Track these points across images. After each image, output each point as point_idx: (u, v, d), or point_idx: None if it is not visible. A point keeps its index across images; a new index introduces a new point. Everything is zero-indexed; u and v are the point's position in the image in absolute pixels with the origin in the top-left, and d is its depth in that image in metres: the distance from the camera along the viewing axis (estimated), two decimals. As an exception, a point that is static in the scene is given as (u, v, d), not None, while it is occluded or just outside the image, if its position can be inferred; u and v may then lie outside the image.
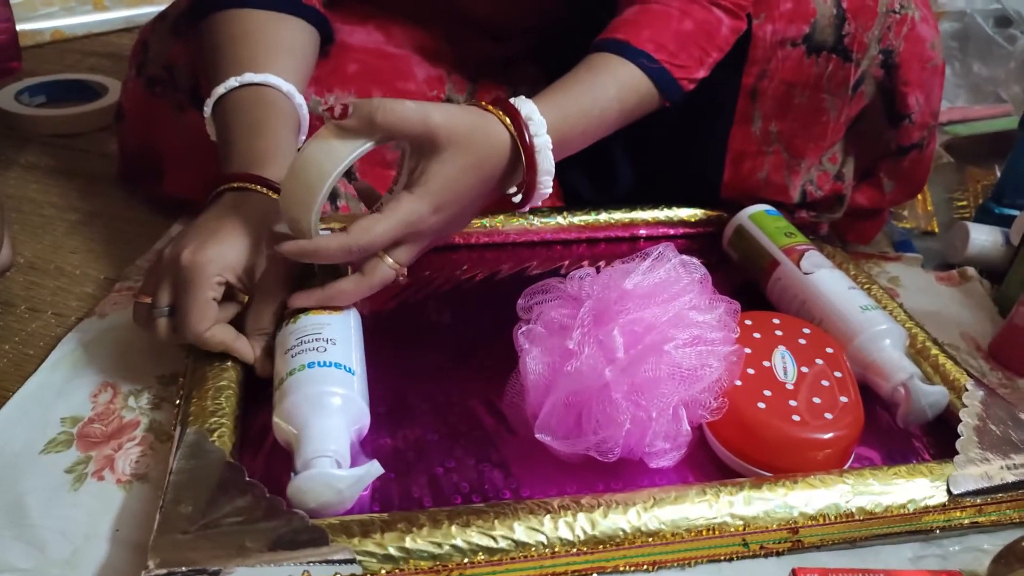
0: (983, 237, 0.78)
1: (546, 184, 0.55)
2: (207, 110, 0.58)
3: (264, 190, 0.54)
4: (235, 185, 0.54)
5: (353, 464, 0.45)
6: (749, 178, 0.73)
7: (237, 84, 0.57)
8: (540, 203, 0.57)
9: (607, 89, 0.59)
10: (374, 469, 0.44)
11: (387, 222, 0.50)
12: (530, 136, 0.53)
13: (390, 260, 0.52)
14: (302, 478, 0.43)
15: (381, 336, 0.57)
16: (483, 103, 0.54)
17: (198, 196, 0.56)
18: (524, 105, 0.54)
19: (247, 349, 0.52)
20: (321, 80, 0.67)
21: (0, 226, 0.53)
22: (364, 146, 0.49)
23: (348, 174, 0.64)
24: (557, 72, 0.62)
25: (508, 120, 0.53)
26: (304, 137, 0.61)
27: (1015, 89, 1.10)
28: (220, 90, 0.57)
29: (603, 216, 0.75)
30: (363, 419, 0.49)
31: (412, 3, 0.74)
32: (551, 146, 0.54)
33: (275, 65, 0.58)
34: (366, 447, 0.50)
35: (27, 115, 0.92)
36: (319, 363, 0.48)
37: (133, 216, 0.76)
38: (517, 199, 0.58)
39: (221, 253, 0.50)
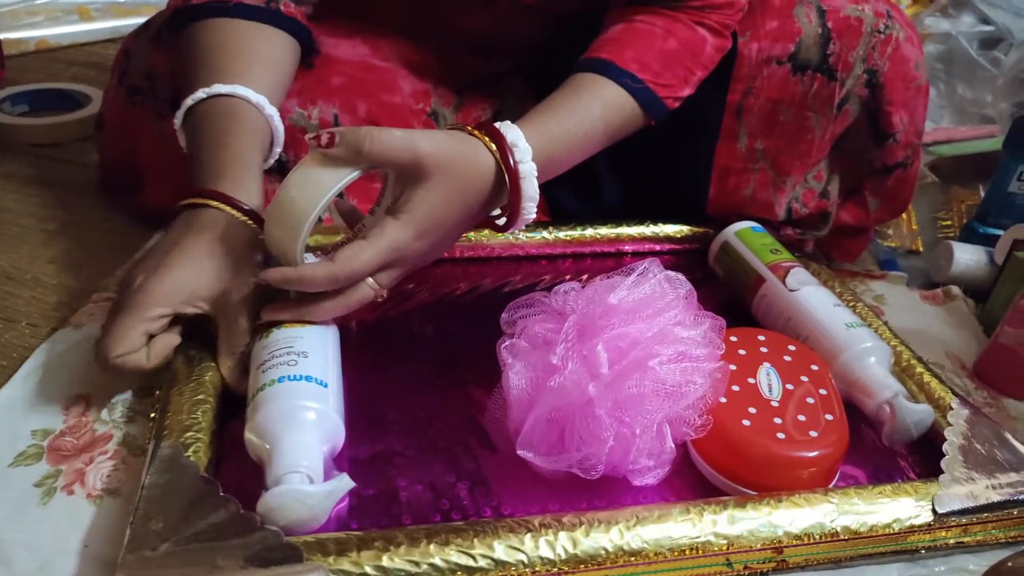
0: (967, 256, 0.78)
1: (530, 210, 0.55)
2: (177, 121, 0.58)
3: (222, 206, 0.53)
4: (195, 201, 0.53)
5: (327, 480, 0.44)
6: (735, 194, 0.73)
7: (205, 95, 0.56)
8: (523, 227, 0.57)
9: (592, 110, 0.59)
10: (344, 483, 0.43)
11: (372, 249, 0.50)
12: (515, 162, 0.53)
13: (371, 280, 0.52)
14: (272, 494, 0.42)
15: (361, 349, 0.56)
16: (469, 128, 0.54)
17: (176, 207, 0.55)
18: (509, 131, 0.54)
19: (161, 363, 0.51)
20: (304, 92, 0.67)
21: None
22: (350, 175, 0.48)
23: None
24: (544, 86, 0.62)
25: (494, 146, 0.53)
26: (278, 149, 0.61)
27: (1002, 106, 1.11)
28: (189, 102, 0.57)
29: (588, 231, 0.74)
30: (337, 434, 0.48)
31: (401, 19, 0.74)
32: (536, 173, 0.54)
33: (247, 76, 0.58)
34: (343, 462, 0.49)
35: (8, 124, 0.90)
36: (290, 376, 0.47)
37: (112, 227, 0.75)
38: (501, 222, 0.57)
39: (173, 284, 0.50)
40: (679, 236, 0.76)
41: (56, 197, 0.79)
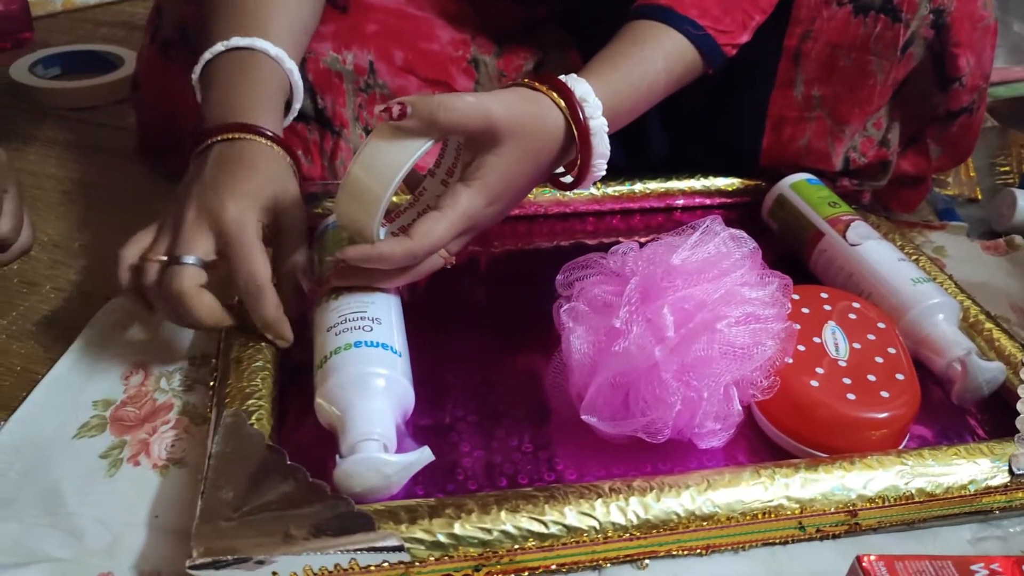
0: (1031, 204, 0.75)
1: (600, 167, 0.53)
2: (194, 75, 0.57)
3: (259, 139, 0.52)
4: (229, 136, 0.52)
5: (399, 447, 0.44)
6: (789, 145, 0.70)
7: (223, 48, 0.55)
8: (592, 184, 0.55)
9: (655, 61, 0.57)
10: (424, 455, 0.43)
11: (447, 221, 0.48)
12: (585, 118, 0.51)
13: (443, 250, 0.51)
14: (349, 462, 0.41)
15: (414, 313, 0.55)
16: (534, 83, 0.52)
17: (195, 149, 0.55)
18: (578, 85, 0.52)
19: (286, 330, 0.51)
20: (339, 36, 0.65)
21: (19, 206, 0.52)
22: (423, 147, 0.47)
23: None
24: (583, 34, 0.59)
25: (563, 103, 0.51)
26: (297, 104, 0.60)
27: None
28: (207, 55, 0.55)
29: (638, 186, 0.72)
30: (408, 400, 0.47)
31: None
32: (606, 128, 0.52)
33: (267, 28, 0.56)
34: (407, 430, 0.49)
35: (43, 88, 0.90)
36: (365, 343, 0.47)
37: (156, 191, 0.74)
38: (567, 179, 0.56)
39: (256, 198, 0.50)
40: (731, 189, 0.74)
41: (96, 162, 0.79)
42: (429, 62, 0.69)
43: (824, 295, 0.56)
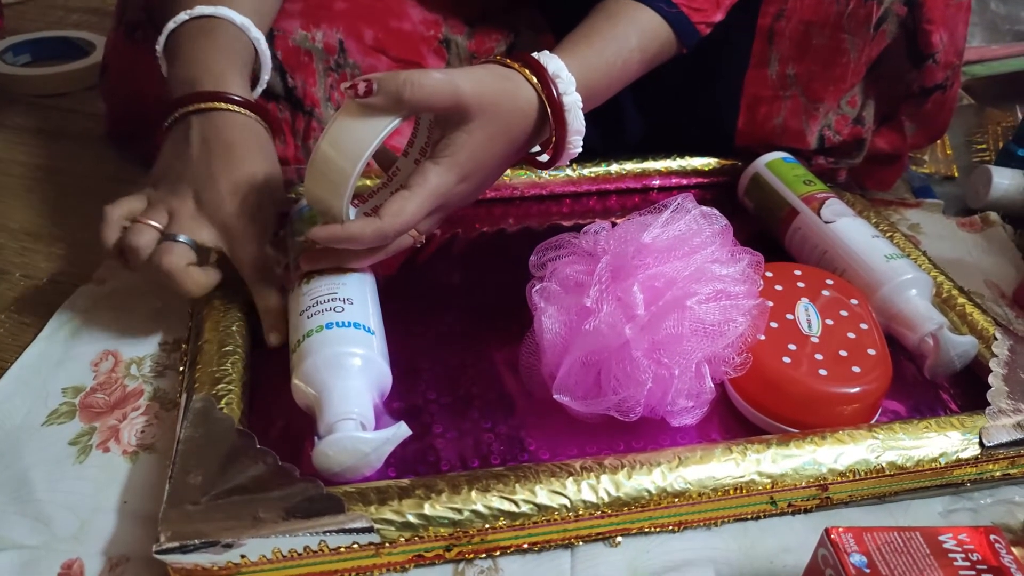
0: (1006, 181, 0.75)
1: (576, 144, 0.53)
2: (159, 47, 0.56)
3: (233, 108, 0.52)
4: (203, 106, 0.52)
5: (377, 426, 0.44)
6: (765, 124, 0.70)
7: (187, 17, 0.54)
8: (568, 162, 0.55)
9: (629, 39, 0.56)
10: (401, 431, 0.42)
11: (417, 200, 0.48)
12: (559, 94, 0.51)
13: (413, 230, 0.51)
14: (327, 442, 0.41)
15: (387, 296, 0.55)
16: (506, 60, 0.51)
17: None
18: (551, 62, 0.51)
19: (203, 278, 0.51)
20: (308, 14, 0.64)
21: None
22: (390, 125, 0.46)
23: None
24: (557, 15, 0.58)
25: (535, 79, 0.51)
26: (265, 76, 0.59)
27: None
28: (171, 25, 0.55)
29: (614, 167, 0.72)
30: (384, 379, 0.47)
31: None
32: (581, 104, 0.52)
33: None
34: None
35: (11, 75, 0.88)
36: (338, 323, 0.46)
37: (126, 177, 0.73)
38: (543, 158, 0.55)
39: (251, 186, 0.51)
40: (707, 169, 0.74)
41: (66, 149, 0.78)
42: (400, 42, 0.68)
43: (797, 272, 0.56)
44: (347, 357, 0.45)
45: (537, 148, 0.55)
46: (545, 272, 0.51)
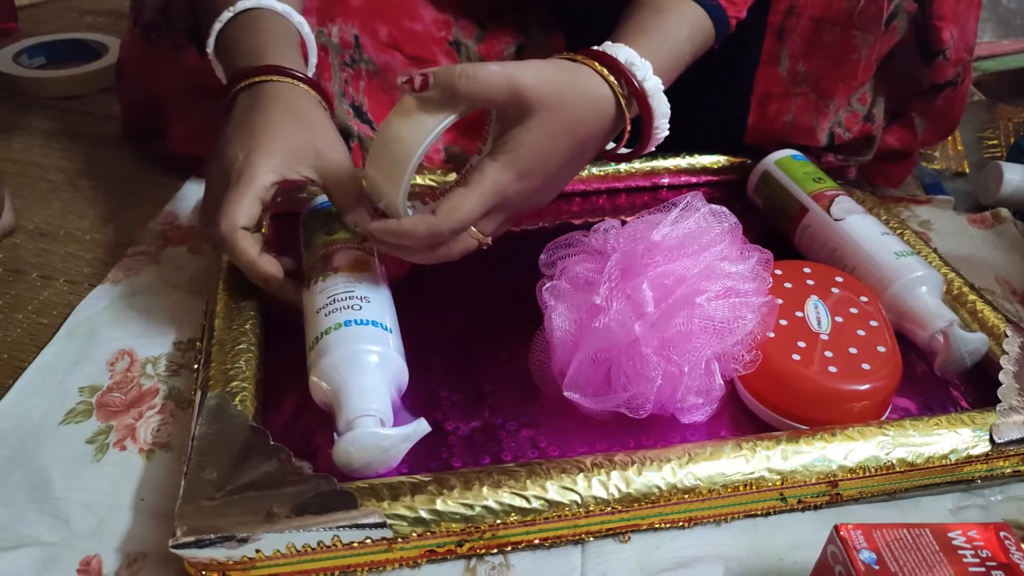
0: (1017, 177, 0.75)
1: (664, 127, 0.52)
2: (209, 49, 0.56)
3: (289, 80, 0.52)
4: (258, 79, 0.52)
5: (396, 421, 0.44)
6: (775, 121, 0.70)
7: (232, 14, 0.55)
8: (654, 148, 0.54)
9: (681, 30, 0.55)
10: (421, 428, 0.43)
11: (473, 199, 0.47)
12: (639, 82, 0.50)
13: (474, 229, 0.49)
14: (347, 439, 0.42)
15: (399, 293, 0.55)
16: (573, 55, 0.50)
17: (203, 150, 0.54)
18: (619, 51, 0.50)
19: (273, 267, 0.50)
20: (323, 10, 0.65)
21: (0, 188, 0.52)
22: (448, 119, 0.46)
23: None
24: (567, 13, 0.58)
25: (606, 70, 0.49)
26: (313, 59, 0.59)
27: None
28: (217, 25, 0.55)
29: (623, 166, 0.72)
30: (402, 376, 0.48)
31: None
32: (662, 86, 0.50)
33: None
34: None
35: (28, 77, 0.89)
36: (356, 321, 0.47)
37: (142, 178, 0.74)
38: (624, 150, 0.54)
39: (277, 151, 0.49)
40: (717, 167, 0.74)
41: (82, 150, 0.78)
42: (413, 40, 0.69)
43: (807, 270, 0.56)
44: (365, 354, 0.46)
45: (611, 145, 0.54)
46: (555, 270, 0.51)
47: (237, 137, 0.50)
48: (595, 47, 0.50)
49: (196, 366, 0.51)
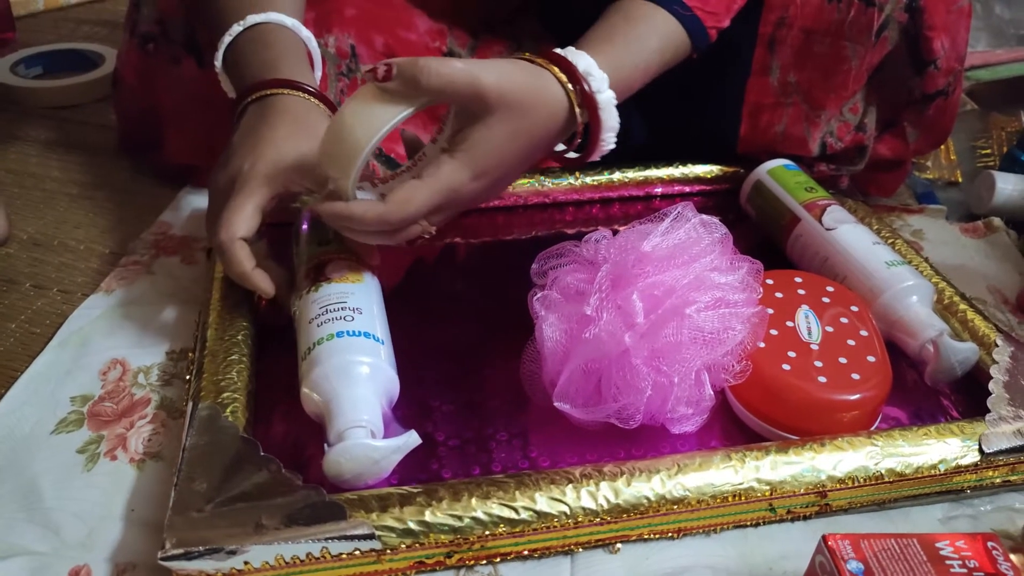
0: (1010, 186, 0.75)
1: (610, 140, 0.53)
2: (217, 63, 0.57)
3: (299, 94, 0.53)
4: (268, 92, 0.53)
5: (386, 433, 0.45)
6: (767, 131, 0.70)
7: (241, 29, 0.55)
8: (599, 158, 0.55)
9: (649, 40, 0.55)
10: (412, 439, 0.43)
11: (426, 192, 0.47)
12: (592, 91, 0.50)
13: (422, 220, 0.50)
14: (337, 450, 0.42)
15: (391, 302, 0.55)
16: (534, 58, 0.50)
17: (199, 160, 0.54)
18: (580, 59, 0.50)
19: (264, 283, 0.51)
20: (319, 21, 0.65)
21: None
22: (407, 111, 0.46)
23: None
24: (560, 25, 0.59)
25: (564, 77, 0.50)
26: (318, 72, 0.60)
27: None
28: (227, 39, 0.56)
29: (616, 175, 0.73)
30: (393, 387, 0.48)
31: None
32: (615, 101, 0.51)
33: (275, 3, 0.57)
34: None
35: (24, 87, 0.90)
36: (347, 332, 0.47)
37: (137, 188, 0.74)
38: (571, 155, 0.55)
39: (280, 161, 0.50)
40: (709, 177, 0.74)
41: (78, 160, 0.79)
42: (408, 50, 0.69)
43: (798, 279, 0.56)
44: (356, 366, 0.46)
45: (561, 147, 0.55)
46: (546, 280, 0.52)
47: (243, 147, 0.51)
48: (558, 50, 0.51)
49: (188, 376, 0.51)
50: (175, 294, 0.61)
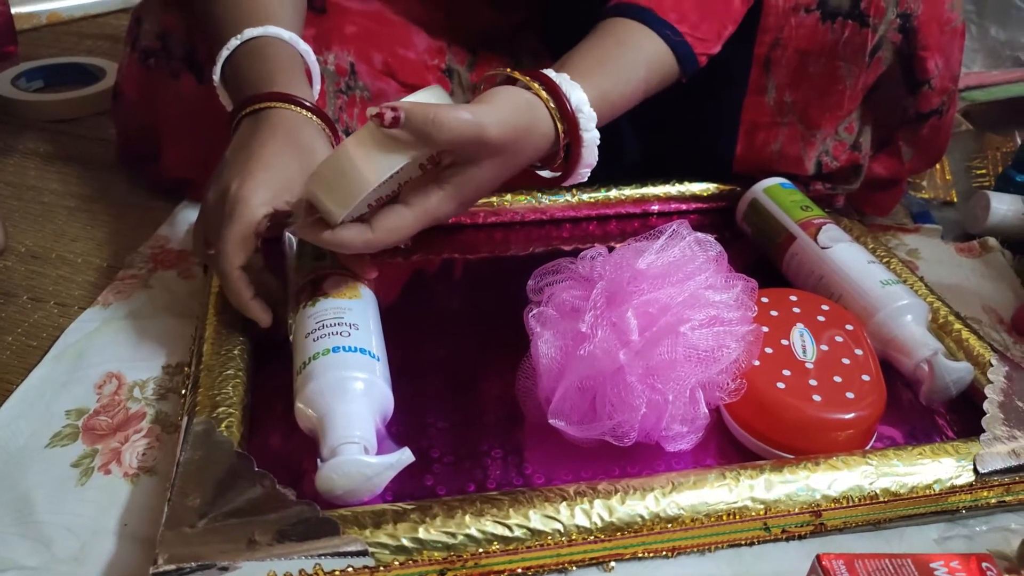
0: (1004, 206, 0.76)
1: (584, 175, 0.55)
2: (216, 77, 0.57)
3: (287, 105, 0.53)
4: (257, 107, 0.53)
5: (380, 449, 0.45)
6: (763, 150, 0.71)
7: (239, 42, 0.56)
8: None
9: (638, 68, 0.56)
10: (405, 457, 0.43)
11: (413, 221, 0.49)
12: (580, 131, 0.52)
13: None
14: (330, 465, 0.42)
15: (387, 318, 0.55)
16: (530, 83, 0.51)
17: (196, 175, 0.55)
18: (573, 92, 0.51)
19: (262, 315, 0.52)
20: (319, 38, 0.66)
21: None
22: (409, 160, 0.46)
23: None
24: (559, 42, 0.59)
25: (554, 107, 0.51)
26: (317, 86, 0.60)
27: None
28: (224, 52, 0.56)
29: (613, 192, 0.73)
30: (387, 404, 0.48)
31: None
32: (598, 141, 0.53)
33: (273, 16, 0.57)
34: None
35: (24, 100, 0.90)
36: (343, 348, 0.47)
37: (134, 201, 0.75)
38: (545, 174, 0.56)
39: (269, 181, 0.50)
40: (706, 195, 0.74)
41: (76, 173, 0.79)
42: (407, 67, 0.70)
43: (793, 298, 0.56)
44: (350, 381, 0.46)
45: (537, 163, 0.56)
46: (542, 297, 0.52)
47: (235, 163, 0.51)
48: (554, 76, 0.52)
49: (184, 391, 0.51)
50: (172, 308, 0.61)
